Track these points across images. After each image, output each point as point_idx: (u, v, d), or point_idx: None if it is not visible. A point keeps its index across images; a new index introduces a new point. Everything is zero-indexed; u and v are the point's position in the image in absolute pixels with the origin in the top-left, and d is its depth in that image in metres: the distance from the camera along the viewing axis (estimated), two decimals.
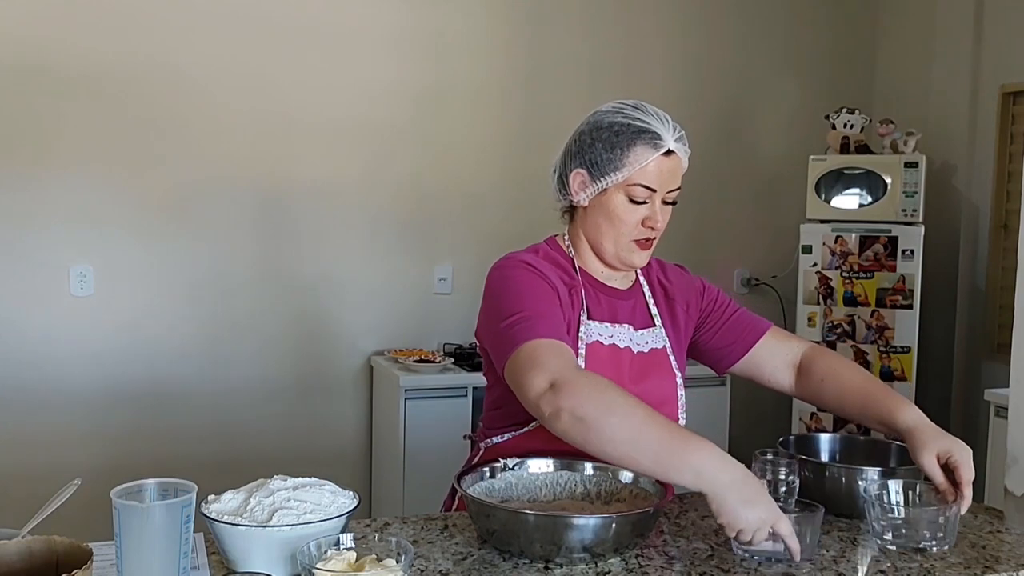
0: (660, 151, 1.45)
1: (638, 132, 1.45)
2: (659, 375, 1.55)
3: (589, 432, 1.26)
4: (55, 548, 1.05)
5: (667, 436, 1.26)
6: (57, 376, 3.18)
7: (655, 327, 1.59)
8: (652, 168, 1.45)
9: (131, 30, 3.19)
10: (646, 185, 1.46)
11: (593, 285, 1.55)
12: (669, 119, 1.48)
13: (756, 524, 1.21)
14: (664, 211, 1.50)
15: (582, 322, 1.49)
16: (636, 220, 1.48)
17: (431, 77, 3.56)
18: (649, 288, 1.63)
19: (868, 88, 4.22)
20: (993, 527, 1.45)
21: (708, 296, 1.68)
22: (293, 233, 3.44)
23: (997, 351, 3.64)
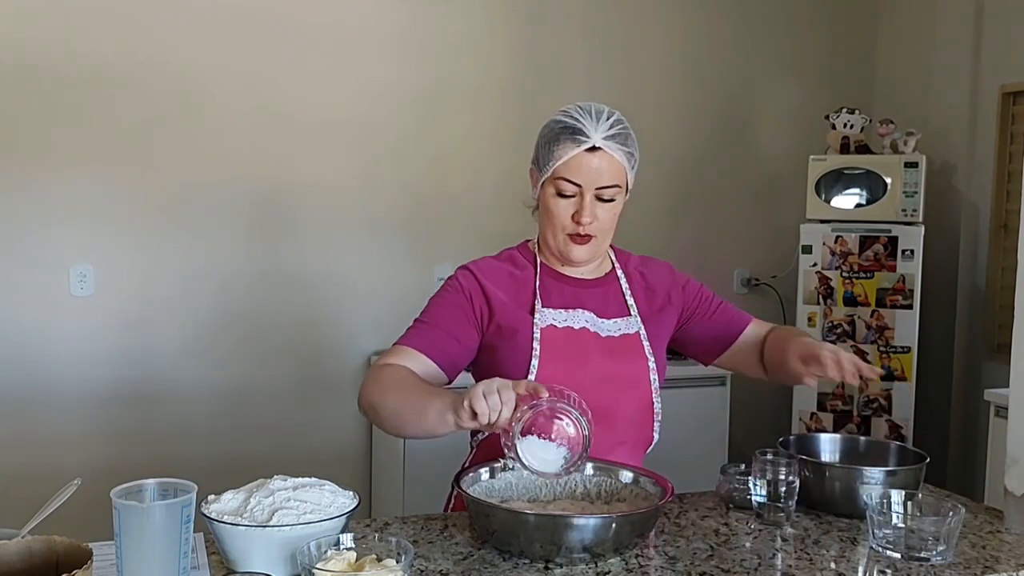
0: (582, 147, 1.52)
1: (563, 129, 1.54)
2: (630, 359, 1.59)
3: (377, 416, 1.46)
4: (55, 548, 1.05)
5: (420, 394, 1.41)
6: (57, 376, 3.18)
7: (630, 316, 1.64)
8: (574, 163, 1.52)
9: (131, 30, 3.19)
10: (570, 179, 1.53)
11: (555, 277, 1.63)
12: (607, 118, 1.53)
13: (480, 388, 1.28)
14: (598, 207, 1.55)
15: (536, 309, 1.58)
16: (566, 214, 1.56)
17: (431, 77, 3.56)
18: (627, 279, 1.69)
19: (868, 88, 4.22)
20: (993, 527, 1.45)
21: (691, 291, 1.73)
22: (293, 233, 3.44)
23: (997, 351, 3.64)
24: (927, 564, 1.28)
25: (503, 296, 1.59)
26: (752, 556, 1.31)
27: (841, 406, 3.68)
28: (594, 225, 1.56)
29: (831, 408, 3.69)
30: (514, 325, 1.56)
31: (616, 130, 1.53)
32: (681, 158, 3.97)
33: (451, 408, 1.34)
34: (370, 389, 1.48)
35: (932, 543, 1.29)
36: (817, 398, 3.71)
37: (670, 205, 3.98)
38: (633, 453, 1.61)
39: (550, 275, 1.63)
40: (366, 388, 1.49)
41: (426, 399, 1.40)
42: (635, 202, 4.18)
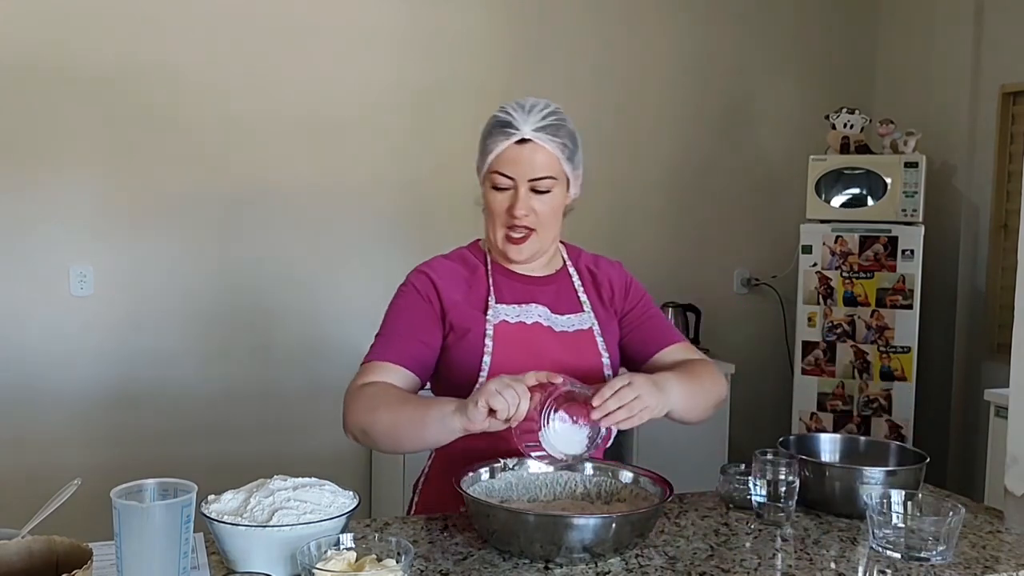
0: (512, 139, 1.52)
1: (495, 123, 1.56)
2: (584, 354, 1.59)
3: (370, 438, 1.45)
4: (55, 548, 1.05)
5: (415, 407, 1.42)
6: (57, 376, 3.18)
7: (583, 312, 1.64)
8: (506, 156, 1.53)
9: (131, 31, 3.19)
10: (502, 172, 1.54)
11: (505, 275, 1.63)
12: (541, 112, 1.53)
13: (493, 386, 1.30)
14: (534, 200, 1.54)
15: (489, 306, 1.58)
16: (502, 208, 1.56)
17: (431, 77, 3.56)
18: (578, 276, 1.69)
19: (868, 88, 4.22)
20: (993, 527, 1.45)
21: (634, 293, 1.72)
22: (294, 233, 3.44)
23: (997, 351, 3.64)
24: (927, 564, 1.28)
25: (456, 296, 1.59)
26: (752, 556, 1.31)
27: (841, 406, 3.68)
28: (531, 218, 1.55)
29: (831, 408, 3.69)
30: (466, 324, 1.56)
31: (547, 121, 1.53)
32: (681, 158, 3.97)
33: (457, 412, 1.34)
34: (357, 413, 1.46)
35: (932, 543, 1.29)
36: (817, 398, 3.71)
37: (670, 205, 3.98)
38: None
39: (501, 273, 1.63)
40: (352, 413, 1.47)
41: (422, 410, 1.40)
42: (635, 202, 4.21)
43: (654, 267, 3.96)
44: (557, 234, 1.63)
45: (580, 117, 3.85)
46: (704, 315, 3.89)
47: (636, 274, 1.77)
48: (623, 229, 3.92)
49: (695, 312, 3.87)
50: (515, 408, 1.30)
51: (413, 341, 1.55)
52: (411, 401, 1.44)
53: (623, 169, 3.89)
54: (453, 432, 1.37)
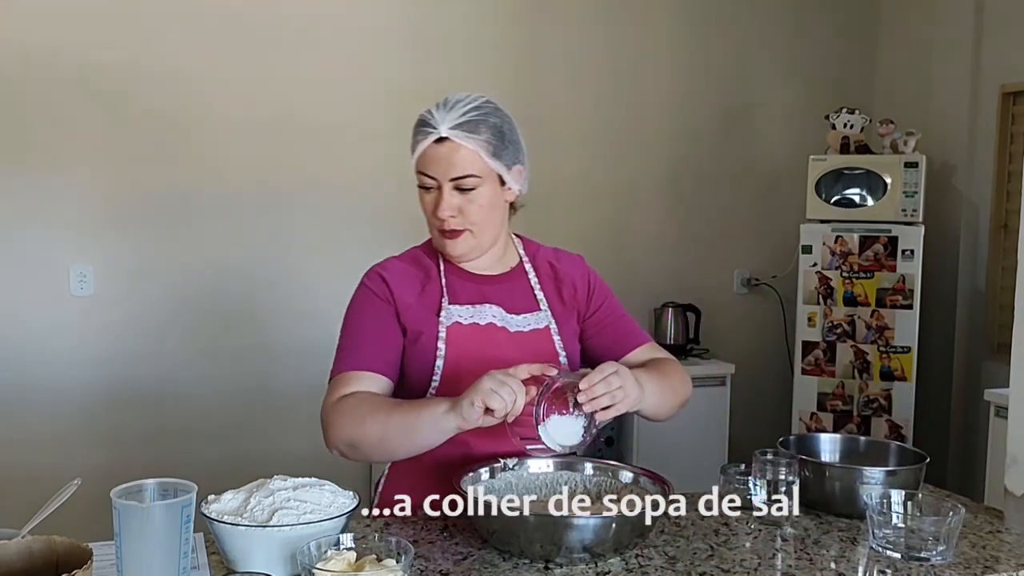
0: (430, 138, 1.50)
1: (417, 122, 1.54)
2: (539, 354, 1.54)
3: (358, 450, 1.45)
4: (55, 548, 1.05)
5: (404, 412, 1.41)
6: (57, 376, 3.18)
7: (540, 310, 1.61)
8: (426, 156, 1.51)
9: (132, 31, 3.19)
10: (424, 172, 1.52)
11: (458, 274, 1.60)
12: (461, 108, 1.50)
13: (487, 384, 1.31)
14: (460, 199, 1.51)
15: (443, 307, 1.55)
16: (429, 207, 1.54)
17: (431, 77, 3.55)
18: (536, 273, 1.65)
19: (868, 88, 4.21)
20: (993, 527, 1.45)
21: (599, 292, 1.69)
22: (294, 233, 3.44)
23: (997, 351, 3.64)
24: (927, 564, 1.28)
25: (408, 298, 1.56)
26: (752, 556, 1.31)
27: (841, 406, 3.68)
28: (459, 219, 1.52)
29: (831, 408, 3.69)
30: (419, 327, 1.53)
31: (466, 118, 1.49)
32: (681, 158, 3.97)
33: (451, 412, 1.34)
34: (341, 427, 1.45)
35: (932, 543, 1.29)
36: (817, 398, 3.71)
37: (670, 205, 3.98)
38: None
39: (454, 273, 1.60)
40: (336, 428, 1.46)
41: (413, 415, 1.39)
42: (635, 202, 4.21)
43: (654, 267, 3.96)
44: (498, 232, 1.59)
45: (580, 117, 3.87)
46: (704, 315, 3.89)
47: (636, 274, 1.77)
48: (623, 229, 3.92)
49: (695, 312, 3.87)
50: (511, 405, 1.30)
51: (380, 345, 1.53)
52: (399, 407, 1.43)
53: (623, 169, 3.90)
54: (446, 432, 1.37)
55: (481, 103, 1.52)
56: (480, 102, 1.52)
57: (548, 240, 1.77)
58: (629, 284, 3.92)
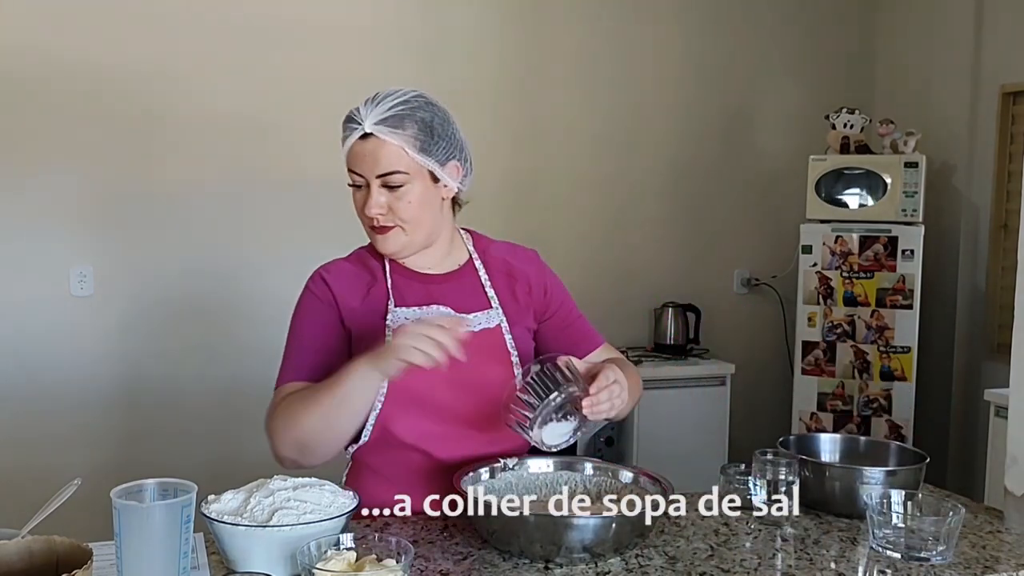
0: (355, 134, 1.46)
1: (345, 119, 1.49)
2: (491, 355, 1.52)
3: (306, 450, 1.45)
4: (55, 548, 1.05)
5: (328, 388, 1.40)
6: (57, 376, 3.18)
7: (490, 308, 1.56)
8: (352, 152, 1.48)
9: (131, 32, 3.19)
10: (352, 169, 1.49)
11: (405, 275, 1.55)
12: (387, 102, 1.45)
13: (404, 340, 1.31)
14: (388, 197, 1.47)
15: (389, 310, 1.51)
16: (360, 205, 1.51)
17: (430, 77, 3.55)
18: (486, 270, 1.60)
19: (868, 88, 4.22)
20: (993, 527, 1.45)
21: (557, 293, 1.66)
22: (293, 232, 3.44)
23: (997, 351, 3.64)
24: (927, 564, 1.28)
25: (353, 301, 1.52)
26: (752, 556, 1.31)
27: (841, 406, 3.68)
28: (389, 216, 1.47)
29: (831, 408, 3.69)
30: (365, 332, 1.50)
31: (391, 113, 1.44)
32: (681, 158, 3.97)
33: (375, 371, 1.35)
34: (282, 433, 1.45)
35: (932, 543, 1.29)
36: (817, 398, 3.71)
37: (670, 205, 3.98)
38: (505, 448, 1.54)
39: (401, 273, 1.55)
40: (277, 436, 1.46)
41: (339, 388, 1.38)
42: (635, 202, 4.21)
43: (654, 267, 3.97)
44: (433, 230, 1.53)
45: (579, 117, 3.86)
46: (704, 315, 3.89)
47: (636, 274, 1.76)
48: (623, 229, 3.92)
49: (695, 312, 3.87)
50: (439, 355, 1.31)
51: (321, 353, 1.50)
52: (322, 387, 1.41)
53: (623, 169, 3.90)
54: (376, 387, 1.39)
55: (410, 97, 1.48)
56: (408, 96, 1.48)
57: (549, 239, 1.77)
58: (629, 284, 3.93)
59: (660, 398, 3.51)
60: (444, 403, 1.47)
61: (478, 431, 1.50)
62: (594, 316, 4.13)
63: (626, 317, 3.92)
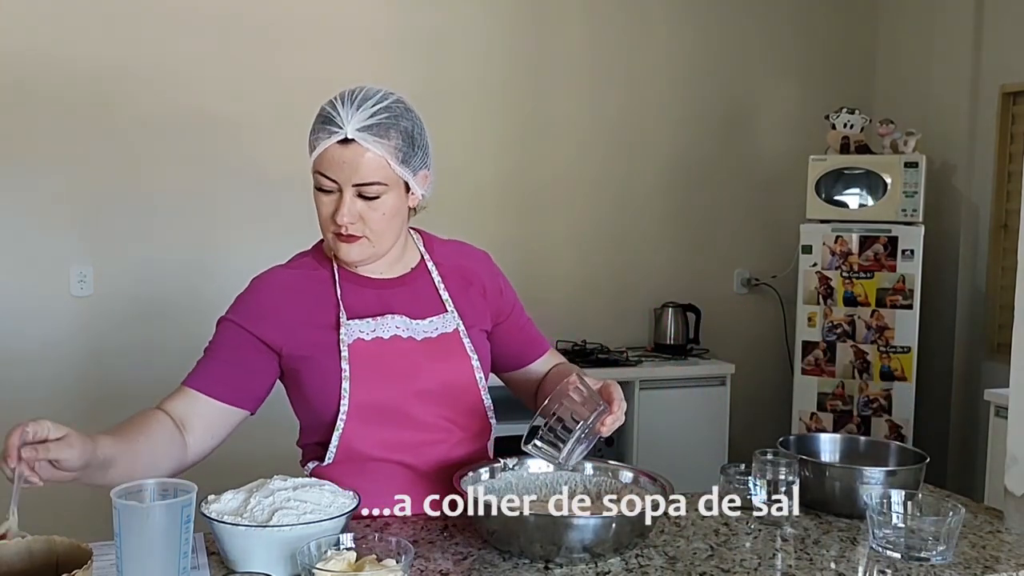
0: (334, 139, 1.37)
1: (319, 117, 1.40)
2: (452, 360, 1.48)
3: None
4: (55, 548, 1.05)
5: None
6: (57, 376, 3.18)
7: (446, 312, 1.51)
8: (327, 156, 1.38)
9: (131, 32, 3.19)
10: (323, 173, 1.40)
11: (354, 281, 1.49)
12: (371, 107, 1.38)
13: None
14: (362, 206, 1.40)
15: (341, 323, 1.44)
16: (327, 211, 1.43)
17: (430, 77, 3.56)
18: (439, 272, 1.55)
19: (868, 88, 4.22)
20: (993, 527, 1.45)
21: (508, 296, 1.63)
22: (292, 232, 3.43)
23: (997, 351, 3.64)
24: (927, 564, 1.28)
25: (295, 315, 1.45)
26: (752, 556, 1.31)
27: (841, 406, 3.68)
28: (359, 226, 1.41)
29: (831, 408, 3.69)
30: (313, 346, 1.43)
31: (375, 120, 1.37)
32: (681, 158, 3.97)
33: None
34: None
35: (932, 543, 1.29)
36: (817, 398, 3.71)
37: (670, 205, 3.98)
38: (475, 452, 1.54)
39: (349, 280, 1.48)
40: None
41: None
42: (635, 202, 4.20)
43: (654, 267, 3.97)
44: (396, 239, 1.48)
45: (580, 117, 3.86)
46: (704, 315, 3.89)
47: (637, 274, 1.76)
48: (623, 229, 3.92)
49: (695, 312, 3.87)
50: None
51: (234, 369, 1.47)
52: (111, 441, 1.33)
53: (623, 169, 3.90)
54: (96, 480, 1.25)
55: (392, 103, 1.40)
56: (391, 101, 1.40)
57: (549, 239, 1.77)
58: (629, 284, 3.93)
59: (660, 398, 3.51)
60: (412, 412, 1.45)
61: (448, 435, 1.49)
62: (594, 316, 4.14)
63: (626, 317, 3.92)
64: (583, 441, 1.37)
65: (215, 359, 1.49)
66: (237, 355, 1.47)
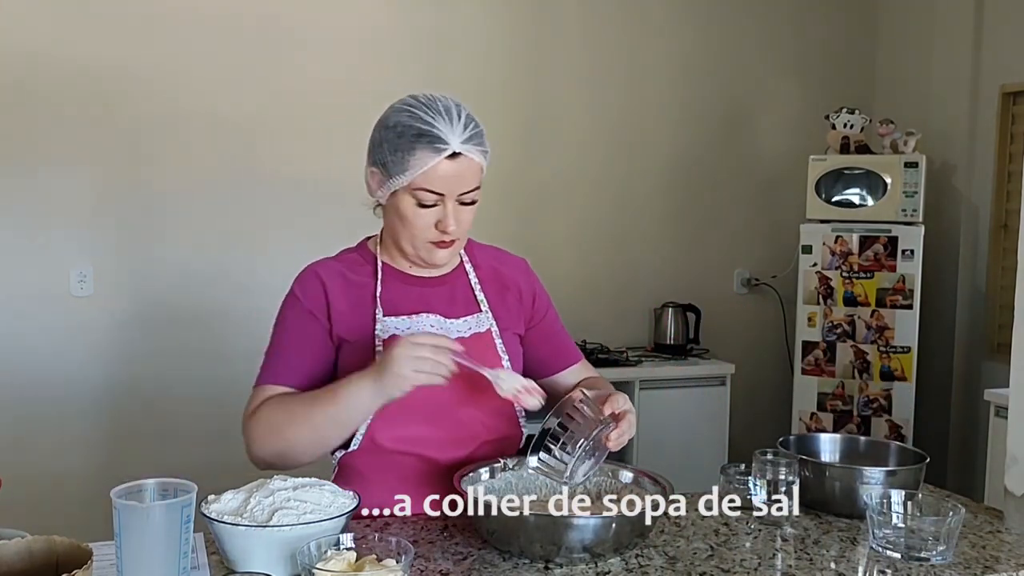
0: (443, 154, 1.39)
1: (419, 135, 1.39)
2: (484, 359, 1.47)
3: (289, 458, 1.41)
4: (55, 548, 1.05)
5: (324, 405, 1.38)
6: (57, 376, 3.18)
7: (480, 312, 1.55)
8: (436, 173, 1.39)
9: (131, 32, 3.19)
10: (432, 190, 1.40)
11: (398, 278, 1.53)
12: (461, 117, 1.41)
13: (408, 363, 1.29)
14: (461, 212, 1.44)
15: (377, 319, 1.47)
16: (428, 223, 1.44)
17: (430, 77, 3.55)
18: (476, 273, 1.58)
19: (868, 88, 4.22)
20: (993, 527, 1.45)
21: (542, 302, 1.65)
22: (293, 232, 3.44)
23: (997, 351, 3.64)
24: (927, 564, 1.28)
25: (341, 304, 1.48)
26: (752, 556, 1.31)
27: (841, 406, 3.68)
28: (457, 230, 1.45)
29: (831, 408, 3.69)
30: (354, 337, 1.47)
31: (472, 131, 1.42)
32: (681, 158, 3.97)
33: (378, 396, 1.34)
34: (263, 440, 1.41)
35: (932, 543, 1.29)
36: (817, 398, 3.71)
37: (670, 205, 3.98)
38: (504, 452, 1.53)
39: (393, 276, 1.52)
40: (257, 442, 1.41)
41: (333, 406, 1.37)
42: (635, 202, 4.21)
43: (654, 267, 3.97)
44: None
45: (580, 117, 3.86)
46: (704, 315, 3.89)
47: (636, 274, 1.76)
48: (623, 229, 3.92)
49: (695, 312, 3.87)
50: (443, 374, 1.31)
51: (306, 357, 1.48)
52: (316, 402, 1.39)
53: (623, 169, 3.90)
54: (373, 410, 1.37)
55: (469, 110, 1.45)
56: (468, 108, 1.45)
57: (549, 239, 1.77)
58: (629, 284, 3.93)
59: (660, 398, 3.51)
60: (439, 410, 1.46)
61: (473, 433, 1.50)
62: (594, 316, 4.14)
63: (626, 317, 3.92)
64: (588, 457, 1.36)
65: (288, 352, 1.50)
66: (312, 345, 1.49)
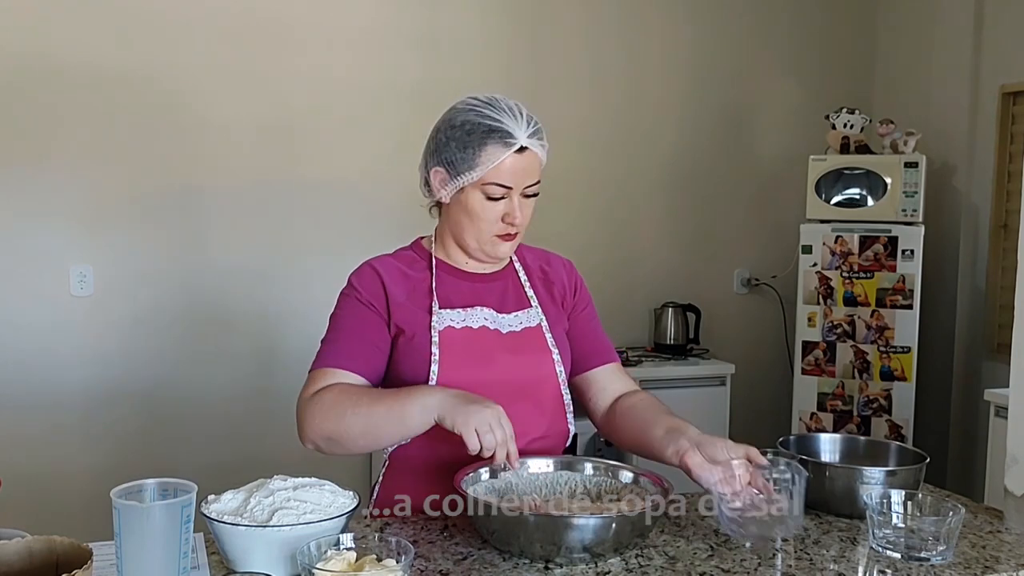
0: (512, 149, 1.46)
1: (489, 131, 1.46)
2: (533, 352, 1.56)
3: (339, 444, 1.44)
4: (55, 548, 1.05)
5: (390, 402, 1.40)
6: (57, 376, 3.18)
7: (530, 307, 1.60)
8: (505, 166, 1.47)
9: (131, 32, 3.19)
10: (501, 183, 1.47)
11: (452, 273, 1.58)
12: (523, 114, 1.49)
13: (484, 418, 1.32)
14: (525, 205, 1.51)
15: (434, 312, 1.52)
16: (495, 216, 1.50)
17: (431, 77, 3.55)
18: (525, 271, 1.65)
19: (868, 88, 4.22)
20: (993, 527, 1.45)
21: (582, 298, 1.69)
22: (293, 233, 3.44)
23: (997, 351, 3.64)
24: (927, 564, 1.28)
25: (399, 296, 1.54)
26: (752, 556, 1.31)
27: (841, 406, 3.68)
28: (522, 221, 1.52)
29: (831, 408, 3.69)
30: (411, 327, 1.51)
31: (535, 127, 1.49)
32: (681, 158, 3.97)
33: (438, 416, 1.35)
34: (320, 421, 1.42)
35: (932, 543, 1.29)
36: (817, 398, 3.71)
37: (670, 205, 3.98)
38: (551, 449, 1.57)
39: (447, 272, 1.58)
40: (312, 422, 1.43)
41: (399, 407, 1.39)
42: (635, 202, 4.20)
43: (654, 267, 3.97)
44: None
45: (580, 117, 3.87)
46: (704, 315, 3.89)
47: (636, 274, 1.77)
48: (623, 229, 3.92)
49: (695, 312, 3.87)
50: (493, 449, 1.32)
51: (363, 344, 1.51)
52: (382, 399, 1.42)
53: (623, 169, 3.90)
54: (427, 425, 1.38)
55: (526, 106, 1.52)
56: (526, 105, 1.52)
57: (549, 239, 1.77)
58: (629, 284, 3.93)
59: (660, 398, 3.51)
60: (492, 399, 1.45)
61: (525, 427, 1.49)
62: None
63: (626, 317, 3.92)
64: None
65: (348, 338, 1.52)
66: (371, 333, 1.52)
